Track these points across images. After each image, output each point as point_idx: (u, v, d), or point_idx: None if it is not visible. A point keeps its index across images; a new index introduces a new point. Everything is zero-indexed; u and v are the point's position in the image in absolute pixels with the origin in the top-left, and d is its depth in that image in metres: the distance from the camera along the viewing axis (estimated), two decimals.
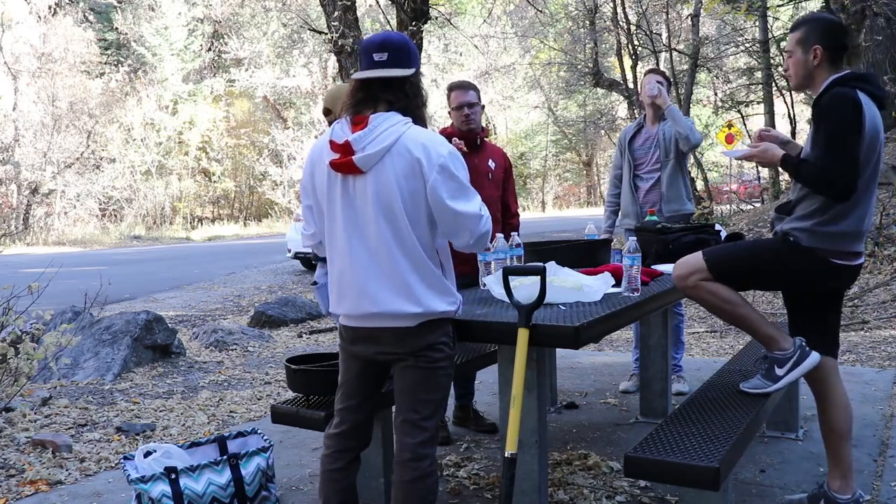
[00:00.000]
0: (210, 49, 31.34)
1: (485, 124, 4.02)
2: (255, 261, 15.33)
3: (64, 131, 25.71)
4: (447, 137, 2.73)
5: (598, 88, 23.06)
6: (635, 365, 4.62)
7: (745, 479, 3.16)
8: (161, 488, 2.77)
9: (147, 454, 2.97)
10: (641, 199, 4.47)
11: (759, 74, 16.97)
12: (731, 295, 2.65)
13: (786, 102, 16.92)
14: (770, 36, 15.79)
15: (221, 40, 30.82)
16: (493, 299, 2.88)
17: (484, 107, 3.84)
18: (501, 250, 3.12)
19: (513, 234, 3.42)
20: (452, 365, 2.34)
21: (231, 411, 4.59)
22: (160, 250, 19.65)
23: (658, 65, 18.06)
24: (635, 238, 2.98)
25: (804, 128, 18.23)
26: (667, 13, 18.30)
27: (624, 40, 18.12)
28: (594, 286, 2.80)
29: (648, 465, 2.21)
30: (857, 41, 9.84)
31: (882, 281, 7.93)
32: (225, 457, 2.97)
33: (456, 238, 2.26)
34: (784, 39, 16.06)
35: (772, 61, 16.02)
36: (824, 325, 2.74)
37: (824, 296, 2.72)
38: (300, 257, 12.68)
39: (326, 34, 9.70)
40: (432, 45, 26.20)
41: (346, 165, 2.17)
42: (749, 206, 16.15)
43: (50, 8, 26.57)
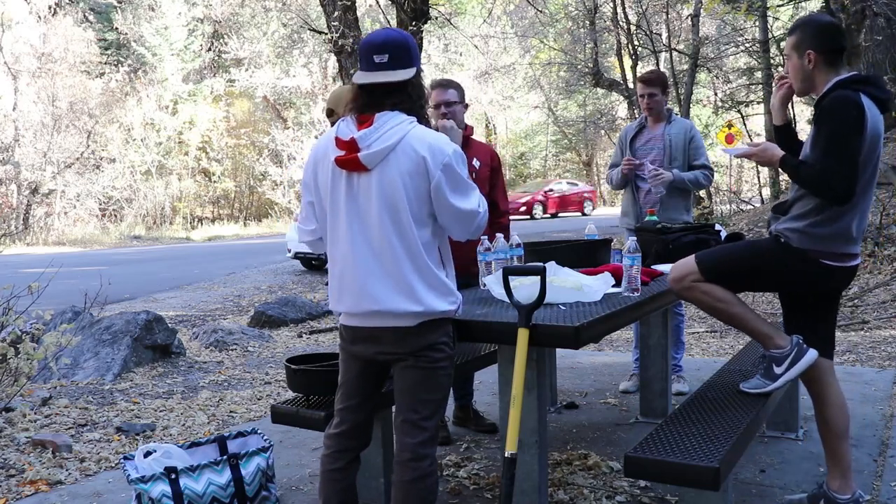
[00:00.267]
0: (210, 49, 31.34)
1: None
2: (255, 261, 15.34)
3: (64, 131, 25.72)
4: None
5: (598, 88, 23.07)
6: (635, 365, 4.62)
7: (745, 479, 3.16)
8: (161, 488, 2.77)
9: (147, 454, 2.97)
10: (642, 200, 4.46)
11: (759, 74, 16.96)
12: (725, 294, 2.66)
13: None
14: (770, 36, 15.79)
15: (221, 40, 30.83)
16: (493, 299, 2.88)
17: (467, 105, 3.76)
18: (501, 250, 3.12)
19: (512, 234, 3.41)
20: (453, 365, 2.34)
21: (231, 411, 4.59)
22: (160, 250, 19.65)
23: (658, 65, 18.06)
24: (635, 238, 2.98)
25: (804, 128, 18.21)
26: (667, 13, 18.30)
27: (624, 40, 18.14)
28: (594, 286, 2.80)
29: (648, 465, 2.21)
30: (857, 41, 9.85)
31: (882, 281, 7.93)
32: (225, 457, 2.97)
33: (453, 231, 2.31)
34: (784, 39, 16.06)
35: (772, 61, 16.01)
36: (820, 325, 2.74)
37: (820, 297, 2.72)
38: (300, 257, 12.69)
39: (326, 34, 9.71)
40: (432, 45, 26.20)
41: (352, 162, 2.18)
42: (749, 206, 16.14)
43: (50, 8, 26.58)
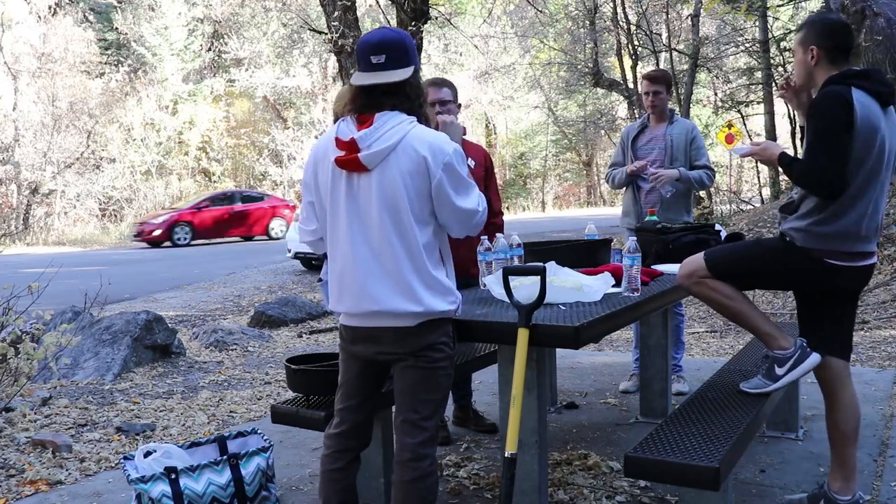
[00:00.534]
0: (210, 49, 31.34)
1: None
2: (255, 261, 15.33)
3: (64, 131, 25.72)
4: None
5: (598, 88, 23.08)
6: (635, 365, 4.62)
7: (745, 479, 3.16)
8: (161, 488, 2.77)
9: (147, 454, 2.97)
10: (643, 200, 4.46)
11: (759, 74, 16.97)
12: (733, 292, 2.67)
13: (786, 102, 16.88)
14: (770, 36, 15.78)
15: (221, 40, 30.82)
16: (493, 299, 2.88)
17: (461, 105, 3.75)
18: (501, 250, 3.12)
19: (512, 234, 3.40)
20: (452, 365, 2.34)
21: (231, 411, 4.59)
22: (160, 250, 19.65)
23: (658, 65, 18.06)
24: (635, 238, 2.99)
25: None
26: (667, 13, 18.30)
27: (624, 40, 18.14)
28: (594, 286, 2.80)
29: (648, 465, 2.21)
30: (857, 41, 9.85)
31: (882, 281, 7.93)
32: (225, 457, 2.97)
33: (453, 229, 2.31)
34: (784, 39, 16.06)
35: (772, 61, 16.01)
36: (831, 325, 2.71)
37: (831, 296, 2.70)
38: (300, 257, 12.69)
39: (326, 34, 9.71)
40: (432, 45, 26.20)
41: (352, 163, 2.18)
42: (749, 206, 16.15)
43: (50, 8, 26.57)
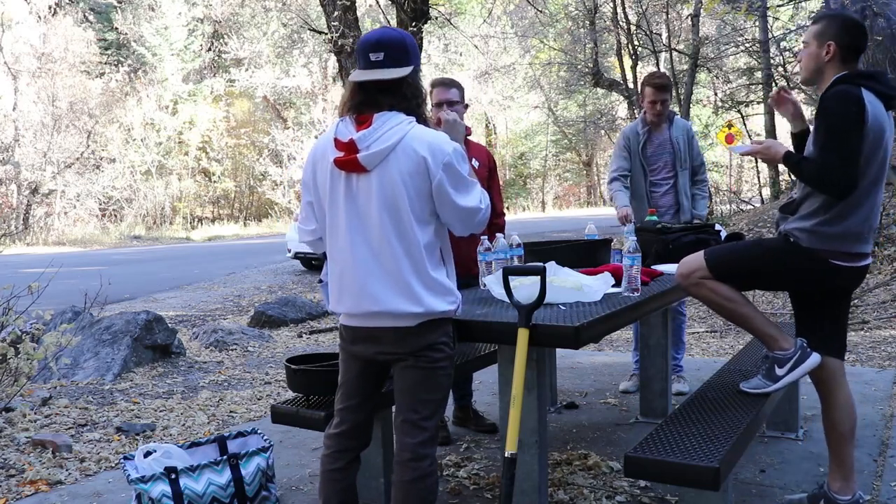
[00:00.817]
0: (210, 49, 31.34)
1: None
2: (255, 261, 15.34)
3: (64, 131, 25.72)
4: None
5: (598, 88, 23.06)
6: (635, 365, 4.61)
7: (745, 479, 3.16)
8: (161, 488, 2.77)
9: (147, 454, 2.97)
10: (657, 204, 4.42)
11: (759, 74, 16.94)
12: (732, 294, 2.66)
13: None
14: (770, 36, 15.76)
15: (221, 40, 30.81)
16: (493, 299, 2.88)
17: (467, 106, 3.76)
18: (501, 250, 3.12)
19: (512, 234, 3.41)
20: (453, 365, 2.34)
21: (231, 411, 4.59)
22: (160, 250, 19.66)
23: (658, 65, 18.06)
24: (635, 238, 2.98)
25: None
26: (667, 13, 18.29)
27: (624, 40, 18.13)
28: (594, 286, 2.80)
29: (648, 465, 2.21)
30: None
31: (882, 281, 7.93)
32: (225, 457, 2.97)
33: (455, 228, 2.31)
34: (784, 39, 16.05)
35: (772, 61, 15.99)
36: (830, 325, 2.72)
37: (830, 296, 2.70)
38: (300, 257, 12.69)
39: (326, 34, 9.71)
40: (432, 45, 26.17)
41: (351, 163, 2.18)
42: (749, 206, 16.14)
43: (50, 8, 26.57)
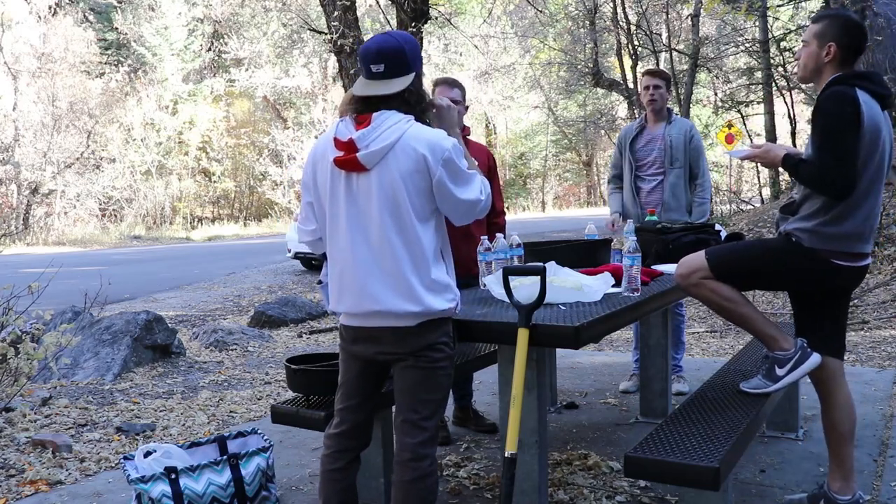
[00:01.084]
0: (210, 49, 31.34)
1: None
2: (255, 261, 15.34)
3: (64, 131, 25.72)
4: None
5: (598, 88, 23.07)
6: (635, 365, 4.62)
7: (745, 479, 3.16)
8: (161, 488, 2.77)
9: (147, 454, 2.97)
10: (643, 201, 4.46)
11: (759, 74, 16.95)
12: (732, 294, 2.65)
13: (786, 102, 16.91)
14: (770, 36, 15.76)
15: (221, 40, 30.81)
16: (493, 299, 2.88)
17: (468, 107, 3.79)
18: (501, 250, 3.12)
19: (512, 234, 3.41)
20: (453, 365, 2.34)
21: (231, 411, 4.59)
22: (160, 250, 19.66)
23: (658, 65, 18.06)
24: (635, 238, 2.98)
25: (804, 128, 18.19)
26: (667, 13, 18.29)
27: (624, 40, 18.14)
28: (594, 286, 2.80)
29: (648, 465, 2.21)
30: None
31: (882, 281, 7.93)
32: (225, 457, 2.97)
33: (455, 219, 2.32)
34: (784, 39, 16.04)
35: (772, 61, 15.99)
36: (830, 325, 2.72)
37: (830, 296, 2.71)
38: (300, 257, 12.69)
39: (326, 34, 9.70)
40: (432, 45, 26.17)
41: (350, 163, 2.18)
42: (749, 206, 16.15)
43: (50, 8, 26.57)
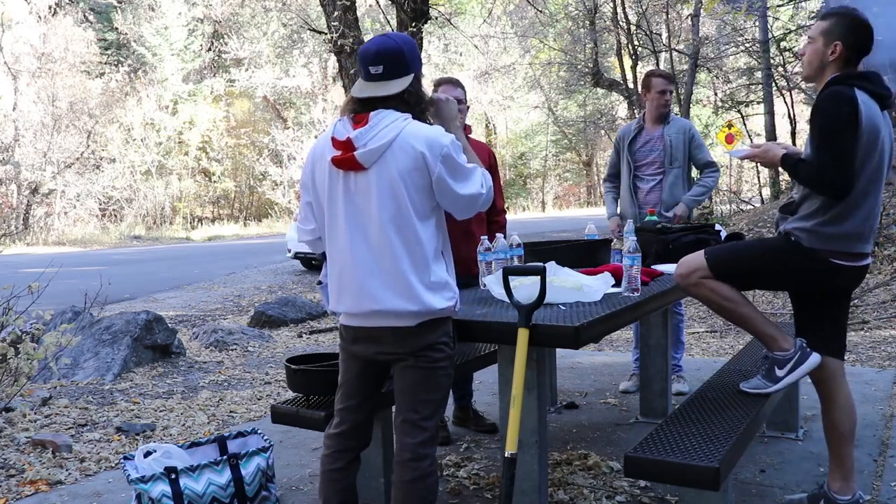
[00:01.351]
0: (210, 49, 31.34)
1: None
2: (255, 261, 15.34)
3: (64, 131, 25.72)
4: None
5: (598, 88, 23.07)
6: (635, 365, 4.62)
7: (745, 479, 3.16)
8: (161, 488, 2.77)
9: (147, 454, 2.97)
10: (641, 201, 4.46)
11: (759, 74, 16.95)
12: (732, 294, 2.65)
13: (786, 102, 16.91)
14: (770, 36, 15.76)
15: (221, 40, 30.82)
16: (493, 299, 2.88)
17: (469, 107, 3.80)
18: (501, 250, 3.12)
19: (512, 234, 3.41)
20: (453, 365, 2.34)
21: (231, 411, 4.59)
22: (160, 250, 19.66)
23: (658, 65, 18.06)
24: (635, 238, 2.98)
25: (804, 128, 18.19)
26: (667, 13, 18.28)
27: (624, 40, 18.15)
28: (594, 286, 2.80)
29: (648, 465, 2.21)
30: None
31: (882, 281, 7.93)
32: (225, 457, 2.97)
33: (457, 213, 2.30)
34: (784, 39, 16.04)
35: (772, 61, 15.99)
36: (830, 325, 2.72)
37: (830, 296, 2.70)
38: (300, 257, 12.69)
39: (326, 34, 9.70)
40: (432, 45, 26.17)
41: (348, 162, 2.18)
42: (749, 206, 16.14)
43: (50, 8, 26.58)
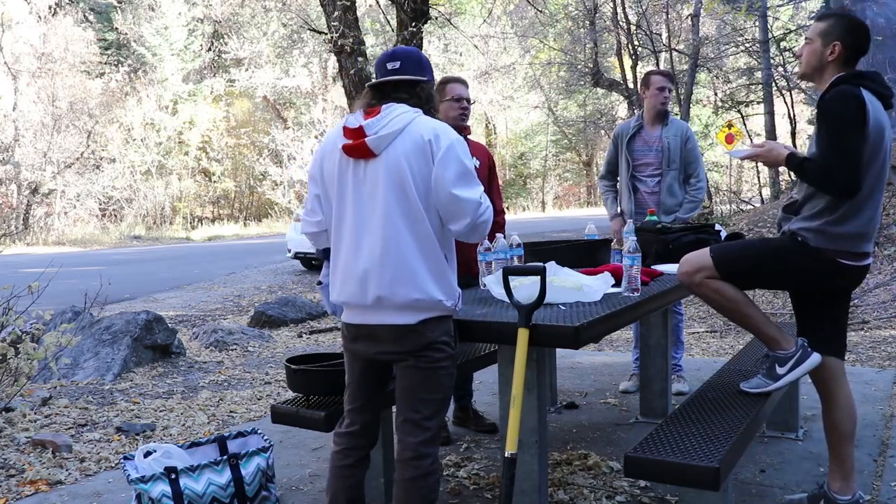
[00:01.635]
0: (210, 49, 31.34)
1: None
2: (255, 261, 15.34)
3: (64, 131, 25.73)
4: None
5: (598, 88, 23.04)
6: (635, 365, 4.62)
7: (745, 479, 3.16)
8: (161, 488, 2.77)
9: (147, 454, 2.97)
10: (641, 201, 4.46)
11: (759, 74, 16.95)
12: (736, 294, 2.64)
13: (786, 102, 16.91)
14: (770, 36, 15.76)
15: (221, 40, 30.82)
16: (493, 299, 2.88)
17: (474, 102, 3.82)
18: (501, 250, 3.12)
19: (512, 234, 3.41)
20: (454, 364, 2.34)
21: (231, 411, 4.59)
22: (160, 250, 19.66)
23: (658, 65, 18.05)
24: (635, 238, 2.98)
25: (804, 128, 18.21)
26: (667, 13, 18.27)
27: (624, 40, 18.12)
28: (594, 286, 2.80)
29: (648, 465, 2.21)
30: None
31: (882, 281, 7.93)
32: (225, 457, 2.97)
33: (453, 223, 2.24)
34: (784, 39, 16.04)
35: (772, 61, 15.99)
36: (831, 325, 2.72)
37: (831, 296, 2.70)
38: (300, 257, 12.70)
39: (326, 34, 9.69)
40: (432, 45, 26.18)
41: (359, 148, 2.21)
42: (749, 206, 16.14)
43: (50, 8, 26.58)
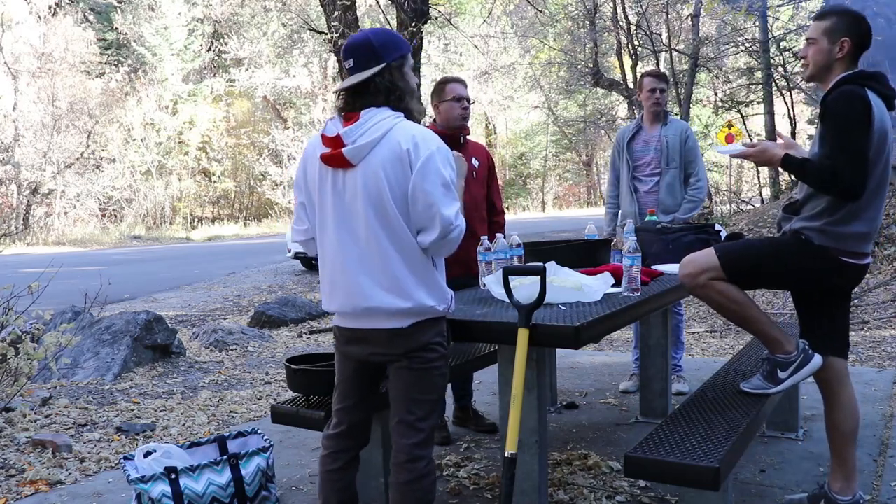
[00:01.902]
0: (210, 49, 31.34)
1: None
2: (255, 261, 15.34)
3: (64, 131, 25.74)
4: None
5: (598, 88, 23.03)
6: (635, 365, 4.62)
7: (745, 479, 3.16)
8: (161, 488, 2.77)
9: (147, 454, 2.97)
10: (641, 201, 4.47)
11: (759, 74, 16.94)
12: (740, 296, 2.62)
13: (786, 102, 16.91)
14: (770, 36, 15.76)
15: (221, 40, 30.82)
16: (493, 299, 2.88)
17: (473, 102, 3.82)
18: (501, 250, 3.12)
19: (512, 234, 3.41)
20: (447, 364, 2.33)
21: (231, 411, 4.59)
22: (160, 250, 19.66)
23: (658, 65, 18.04)
24: (635, 238, 2.98)
25: (804, 128, 18.21)
26: (667, 13, 18.26)
27: (624, 40, 18.12)
28: (594, 286, 2.79)
29: (648, 465, 2.21)
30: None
31: (882, 281, 7.93)
32: (225, 457, 2.97)
33: (422, 234, 2.18)
34: (784, 39, 16.03)
35: (772, 61, 15.98)
36: (832, 325, 2.71)
37: (830, 295, 2.69)
38: (300, 257, 12.70)
39: (326, 34, 9.70)
40: (432, 45, 26.17)
41: (336, 158, 2.18)
42: (749, 206, 16.14)
43: (50, 8, 26.59)
